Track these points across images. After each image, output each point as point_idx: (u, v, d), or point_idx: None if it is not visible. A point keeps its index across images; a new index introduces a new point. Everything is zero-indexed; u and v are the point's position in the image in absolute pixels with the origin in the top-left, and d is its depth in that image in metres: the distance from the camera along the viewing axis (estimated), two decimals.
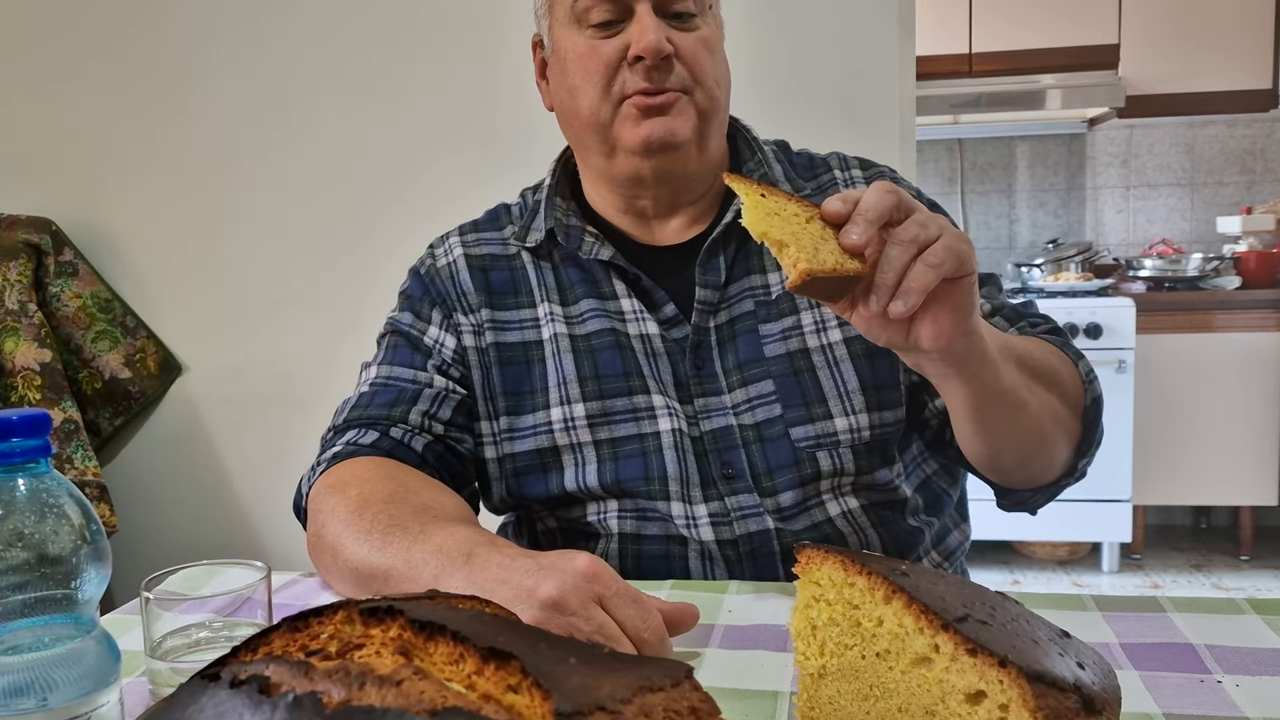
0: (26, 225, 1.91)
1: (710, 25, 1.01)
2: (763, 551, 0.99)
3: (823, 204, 0.75)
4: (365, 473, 0.97)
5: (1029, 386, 0.89)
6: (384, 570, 0.84)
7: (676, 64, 0.97)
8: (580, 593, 0.72)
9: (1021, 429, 0.91)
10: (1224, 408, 3.41)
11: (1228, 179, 3.97)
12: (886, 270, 0.73)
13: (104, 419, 2.00)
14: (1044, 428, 0.93)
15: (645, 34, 0.95)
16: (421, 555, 0.82)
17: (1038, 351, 0.93)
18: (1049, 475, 0.99)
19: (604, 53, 0.97)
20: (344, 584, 0.91)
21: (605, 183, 1.06)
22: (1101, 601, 0.84)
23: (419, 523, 0.86)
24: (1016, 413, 0.89)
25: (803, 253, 0.72)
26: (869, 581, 0.58)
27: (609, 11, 0.97)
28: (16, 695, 0.54)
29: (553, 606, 0.71)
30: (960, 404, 0.88)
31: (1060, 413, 0.94)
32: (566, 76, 1.01)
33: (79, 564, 0.57)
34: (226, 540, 2.04)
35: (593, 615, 0.71)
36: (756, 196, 0.76)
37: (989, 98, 3.61)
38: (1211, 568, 3.54)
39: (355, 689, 0.40)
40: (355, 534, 0.88)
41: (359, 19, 1.88)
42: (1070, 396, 0.96)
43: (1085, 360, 1.00)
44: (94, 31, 1.97)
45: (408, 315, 1.10)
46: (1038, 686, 0.50)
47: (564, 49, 1.01)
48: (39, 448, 0.56)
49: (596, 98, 0.98)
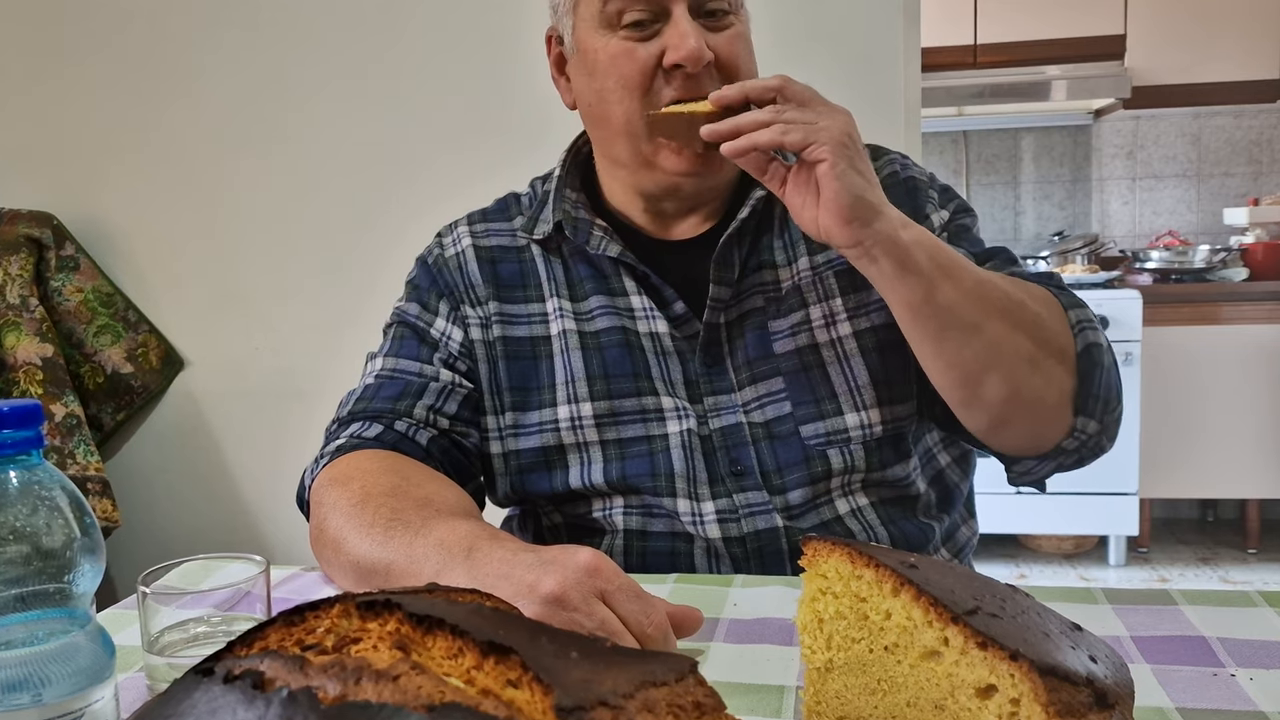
0: (28, 219, 1.91)
1: (742, 19, 0.99)
2: (770, 549, 0.98)
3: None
4: (368, 465, 0.96)
5: (986, 314, 0.87)
6: (385, 565, 0.83)
7: (711, 69, 0.94)
8: (582, 587, 0.71)
9: (976, 355, 0.88)
10: (1231, 400, 3.39)
11: (1235, 170, 3.94)
12: (740, 117, 0.84)
13: (106, 414, 2.00)
14: (1007, 362, 0.89)
15: (685, 40, 0.91)
16: (423, 550, 0.81)
17: (1011, 287, 0.90)
18: (1046, 434, 0.94)
19: (639, 57, 0.93)
20: (346, 578, 0.90)
21: (630, 188, 1.04)
22: (1112, 594, 0.83)
23: (420, 517, 0.85)
24: (966, 335, 0.87)
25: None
26: (877, 574, 0.57)
27: (643, 12, 0.93)
28: (10, 691, 0.54)
29: (555, 602, 0.70)
30: (900, 314, 0.90)
31: (1031, 352, 0.90)
32: (595, 79, 0.97)
33: (73, 557, 0.56)
34: (229, 534, 2.03)
35: (595, 610, 0.70)
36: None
37: (994, 89, 3.60)
38: (1219, 561, 3.52)
39: (351, 684, 0.39)
40: (357, 528, 0.87)
41: (362, 9, 1.87)
42: (1050, 339, 0.91)
43: (1084, 310, 0.95)
44: (96, 26, 1.96)
45: (415, 306, 1.09)
46: (1050, 680, 0.49)
47: (592, 49, 0.97)
48: (31, 439, 0.55)
49: (634, 107, 0.95)
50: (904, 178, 1.06)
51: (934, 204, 1.05)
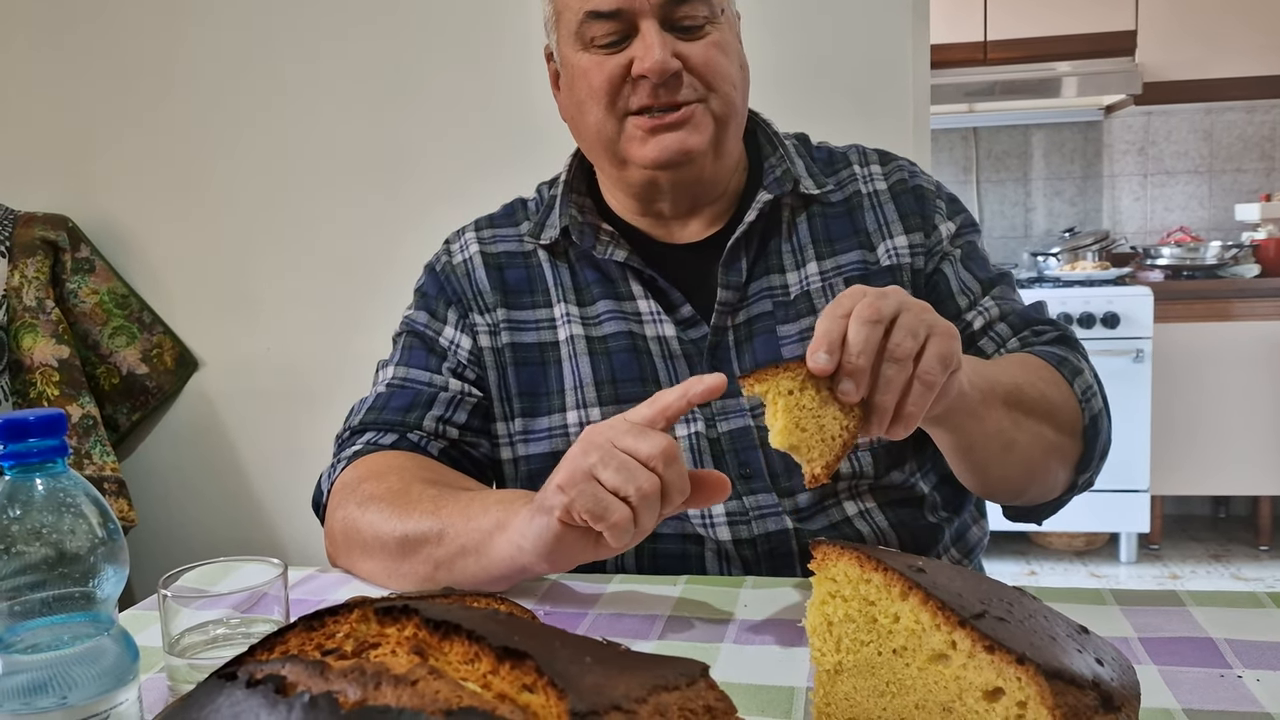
0: (44, 222, 1.92)
1: (722, 27, 0.99)
2: (780, 551, 0.99)
3: (809, 359, 0.71)
4: (400, 462, 0.99)
5: (1017, 424, 0.90)
6: (438, 531, 0.87)
7: (687, 76, 0.96)
8: (591, 440, 0.75)
9: (1010, 467, 0.92)
10: (1242, 397, 3.38)
11: (1246, 166, 3.93)
12: (885, 392, 0.72)
13: (121, 414, 2.01)
14: (1034, 461, 0.93)
15: (650, 52, 0.94)
16: (481, 508, 0.86)
17: (1028, 383, 0.92)
18: (1047, 497, 1.00)
19: (607, 69, 0.97)
20: (383, 559, 0.92)
21: (621, 189, 1.06)
22: (1120, 596, 0.83)
23: (468, 493, 0.90)
24: (1004, 454, 0.90)
25: (814, 450, 0.73)
26: (885, 578, 0.58)
27: (614, 32, 0.96)
28: (36, 693, 0.55)
29: (576, 460, 0.75)
30: (946, 449, 0.91)
31: (1053, 441, 0.94)
32: (574, 93, 1.01)
33: (97, 562, 0.57)
34: (243, 533, 2.05)
35: (608, 452, 0.74)
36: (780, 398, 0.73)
37: (1004, 86, 3.59)
38: (1230, 558, 3.51)
39: (371, 689, 0.40)
40: (400, 508, 0.90)
41: (373, 15, 1.88)
42: (1065, 422, 0.96)
43: (1085, 375, 0.98)
44: (110, 28, 1.98)
45: (423, 315, 1.10)
46: (1056, 684, 0.50)
47: (570, 64, 1.01)
48: (56, 447, 0.57)
49: (601, 114, 0.98)
50: (912, 185, 1.07)
51: (941, 214, 1.06)
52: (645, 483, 0.73)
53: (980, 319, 1.02)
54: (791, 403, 0.72)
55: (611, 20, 0.95)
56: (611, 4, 0.95)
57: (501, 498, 0.86)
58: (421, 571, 0.88)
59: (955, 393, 0.78)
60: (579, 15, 0.97)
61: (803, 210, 1.06)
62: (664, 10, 0.95)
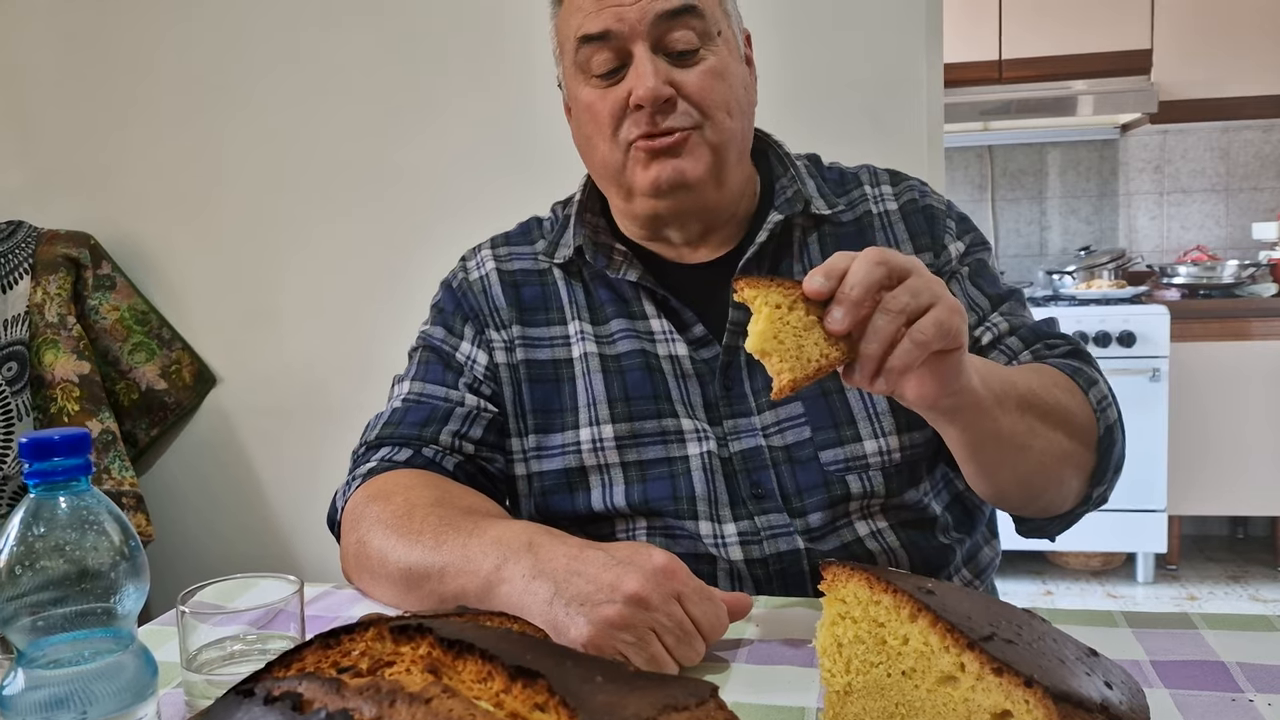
0: (66, 239, 1.95)
1: (720, 51, 0.99)
2: (792, 570, 0.99)
3: (805, 281, 0.71)
4: (408, 481, 0.99)
5: (1032, 429, 0.89)
6: (439, 568, 0.86)
7: (681, 103, 0.97)
8: (662, 590, 0.75)
9: (1023, 471, 0.91)
10: (1260, 416, 3.36)
11: (1263, 184, 3.91)
12: (871, 341, 0.70)
13: (140, 429, 2.03)
14: (1047, 466, 0.93)
15: (643, 81, 0.95)
16: (480, 548, 0.84)
17: (1043, 388, 0.92)
18: (1061, 508, 0.99)
19: (608, 103, 0.98)
20: (390, 588, 0.92)
21: (629, 219, 1.08)
22: (1132, 618, 0.83)
23: (470, 521, 0.88)
24: (1017, 456, 0.89)
25: (785, 361, 0.71)
26: (894, 599, 0.59)
27: (609, 61, 0.98)
28: (57, 708, 0.56)
29: (636, 602, 0.74)
30: (957, 448, 0.90)
31: (1067, 449, 0.93)
32: (581, 126, 1.03)
33: (118, 579, 0.58)
34: (260, 548, 2.06)
35: (673, 612, 0.75)
36: (766, 308, 0.72)
37: (1020, 104, 3.59)
38: (1249, 579, 3.48)
39: (386, 706, 0.41)
40: (404, 537, 0.90)
41: (395, 36, 1.90)
42: (1080, 430, 0.95)
43: (1100, 385, 0.98)
44: (131, 47, 2.01)
45: (440, 330, 1.11)
46: (1064, 707, 0.50)
47: (574, 96, 1.03)
48: (80, 466, 0.58)
49: (607, 146, 1.00)
50: (922, 205, 1.08)
51: (951, 233, 1.07)
52: (695, 651, 0.76)
53: (989, 334, 1.02)
54: (776, 315, 0.71)
55: (604, 44, 0.97)
56: (599, 26, 0.97)
57: (499, 536, 0.84)
58: (428, 604, 0.89)
59: (962, 382, 0.77)
60: (574, 43, 0.99)
61: (814, 230, 1.07)
62: (654, 32, 0.96)
